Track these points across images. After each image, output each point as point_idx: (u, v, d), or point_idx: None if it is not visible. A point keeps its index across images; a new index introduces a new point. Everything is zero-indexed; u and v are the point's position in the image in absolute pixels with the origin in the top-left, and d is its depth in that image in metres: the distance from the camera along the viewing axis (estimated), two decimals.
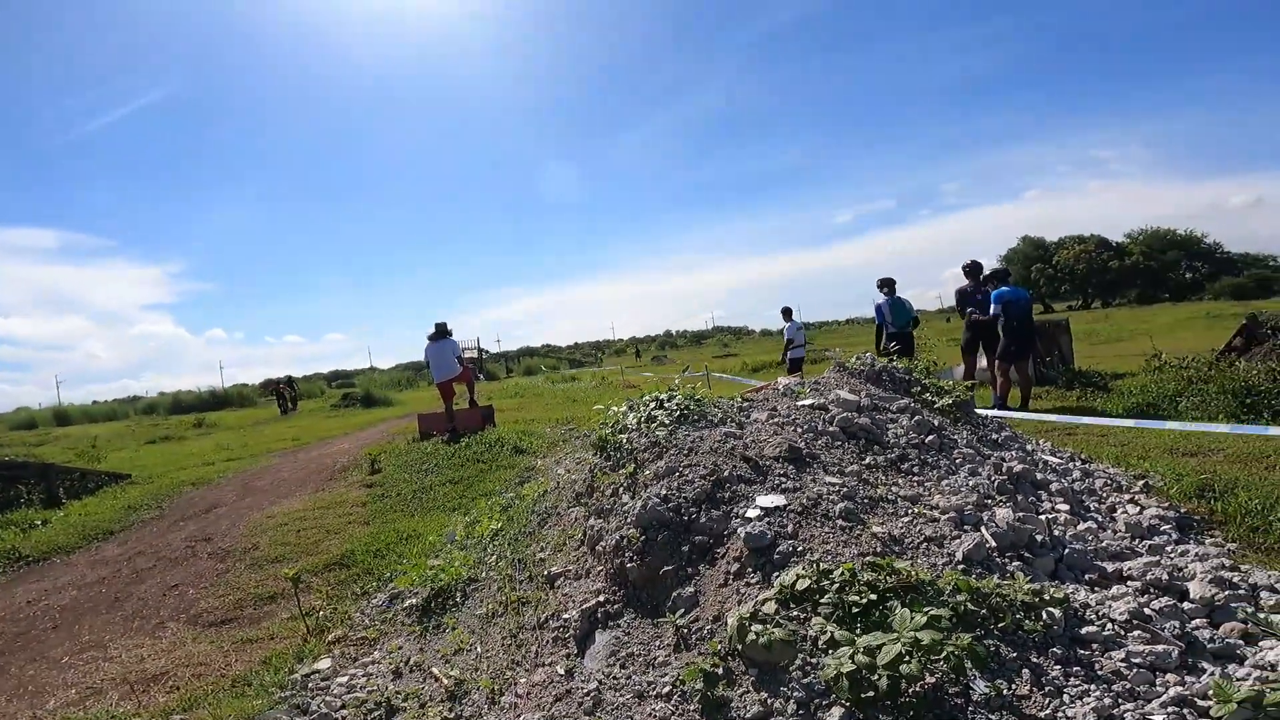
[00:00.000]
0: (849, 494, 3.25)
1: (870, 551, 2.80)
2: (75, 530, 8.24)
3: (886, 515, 3.17)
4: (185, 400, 36.80)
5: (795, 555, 2.80)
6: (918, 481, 3.61)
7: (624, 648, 2.92)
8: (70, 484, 10.63)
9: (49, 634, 5.12)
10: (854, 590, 2.44)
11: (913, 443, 4.01)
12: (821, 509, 3.12)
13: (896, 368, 5.24)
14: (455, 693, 3.15)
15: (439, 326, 10.64)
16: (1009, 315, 8.00)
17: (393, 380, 37.99)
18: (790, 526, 2.97)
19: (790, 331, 12.31)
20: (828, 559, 2.73)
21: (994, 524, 3.06)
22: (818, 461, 3.61)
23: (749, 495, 3.25)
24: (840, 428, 3.99)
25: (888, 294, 9.14)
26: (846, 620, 2.36)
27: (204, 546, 6.65)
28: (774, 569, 2.76)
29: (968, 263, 8.85)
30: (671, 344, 76.27)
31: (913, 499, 3.36)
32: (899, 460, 3.82)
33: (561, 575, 3.71)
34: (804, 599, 2.49)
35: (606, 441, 4.25)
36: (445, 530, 5.73)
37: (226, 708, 3.29)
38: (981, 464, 3.92)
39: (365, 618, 4.40)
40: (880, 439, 4.00)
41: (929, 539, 2.95)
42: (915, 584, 2.46)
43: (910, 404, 4.56)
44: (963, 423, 4.63)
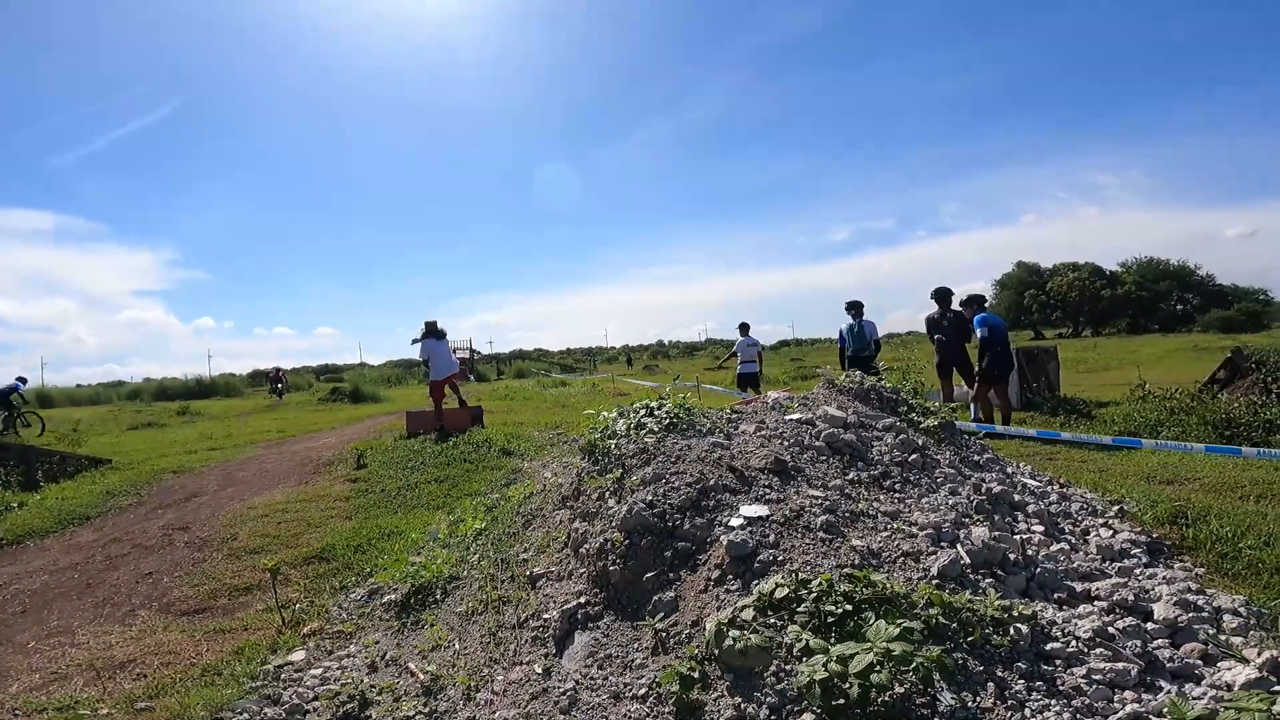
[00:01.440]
0: (831, 507, 3.30)
1: (849, 564, 2.85)
2: (51, 514, 8.12)
3: (866, 530, 3.22)
4: (171, 387, 36.53)
5: (775, 564, 2.84)
6: (899, 498, 3.66)
7: (602, 649, 2.95)
8: (49, 467, 10.48)
9: (17, 619, 5.03)
10: (831, 600, 2.48)
11: (896, 460, 4.06)
12: (803, 521, 3.16)
13: (885, 387, 5.30)
14: (431, 688, 3.15)
15: (431, 325, 10.65)
16: (993, 338, 8.18)
17: (382, 376, 37.81)
18: (772, 536, 3.02)
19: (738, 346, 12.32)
20: (807, 569, 2.78)
21: (969, 542, 3.12)
22: (802, 475, 3.66)
23: (733, 505, 3.29)
24: (826, 443, 4.04)
25: (854, 316, 9.36)
26: (822, 629, 2.40)
27: (181, 535, 6.58)
28: (754, 577, 2.80)
29: (936, 289, 9.04)
30: (664, 354, 76.36)
31: (893, 515, 3.41)
32: (882, 477, 3.87)
33: (544, 576, 3.73)
34: (782, 607, 2.53)
35: (595, 446, 4.27)
36: (429, 528, 5.72)
37: (194, 696, 3.26)
38: (962, 484, 3.98)
39: (343, 612, 4.38)
40: (865, 455, 4.05)
41: (906, 554, 3.00)
42: (890, 596, 2.51)
43: (896, 423, 4.62)
44: (946, 443, 4.69)
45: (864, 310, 9.49)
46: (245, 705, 3.21)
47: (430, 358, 10.61)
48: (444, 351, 10.73)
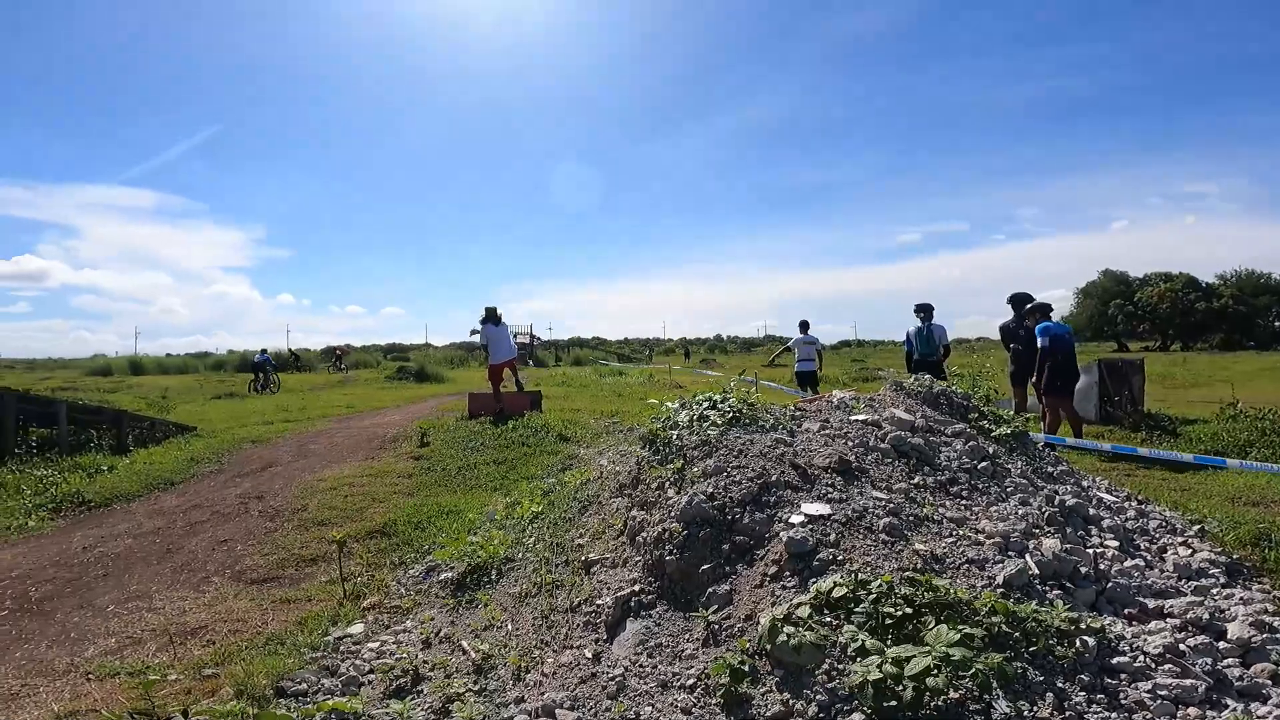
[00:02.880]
0: (895, 510, 3.25)
1: (910, 567, 2.80)
2: (139, 478, 8.54)
3: (930, 534, 3.16)
4: (252, 360, 38.50)
5: (834, 564, 2.81)
6: (966, 505, 3.58)
7: (653, 637, 2.97)
8: (140, 432, 11.11)
9: (99, 582, 5.22)
10: (890, 602, 2.46)
11: (964, 467, 3.96)
12: (865, 522, 3.12)
13: (955, 392, 5.14)
14: (482, 666, 3.21)
15: (490, 311, 10.88)
16: (1055, 349, 7.87)
17: (446, 358, 38.87)
18: (833, 536, 2.98)
19: (794, 343, 12.07)
20: (866, 570, 2.74)
21: (1039, 553, 3.04)
22: (866, 476, 3.60)
23: (794, 502, 3.27)
24: (892, 445, 3.98)
25: (923, 319, 9.12)
26: (879, 631, 2.38)
27: (256, 504, 6.84)
28: (812, 575, 2.79)
29: (1013, 295, 8.76)
30: (721, 348, 75.79)
31: (959, 521, 3.33)
32: (949, 483, 3.78)
33: (598, 562, 3.76)
34: (838, 606, 2.52)
35: (656, 436, 4.28)
36: (486, 509, 5.84)
37: (258, 665, 3.34)
38: (1034, 495, 3.86)
39: (401, 587, 4.50)
40: (932, 460, 3.96)
41: (971, 561, 2.94)
42: (952, 602, 2.47)
43: (966, 429, 4.49)
44: (1018, 453, 4.52)
45: (933, 313, 9.20)
46: (305, 675, 3.29)
47: (489, 342, 10.84)
48: (502, 336, 10.93)
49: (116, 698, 3.20)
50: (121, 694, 3.23)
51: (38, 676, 3.60)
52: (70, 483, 8.40)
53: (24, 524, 7.12)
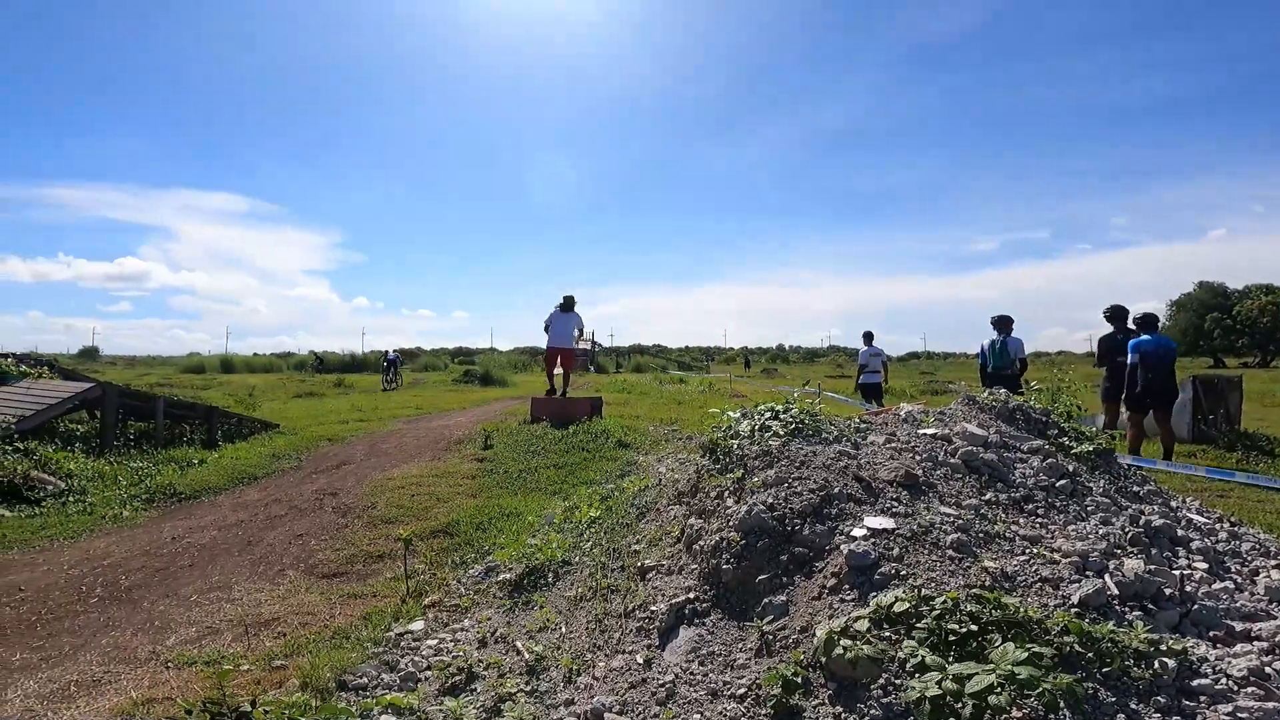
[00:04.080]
0: (963, 526, 3.14)
1: (978, 585, 2.71)
2: (226, 472, 9.05)
3: (1001, 552, 3.05)
4: (329, 360, 40.57)
5: (896, 578, 2.76)
6: (1041, 523, 3.42)
7: (706, 645, 2.96)
8: (228, 428, 11.81)
9: (184, 571, 5.45)
10: (954, 619, 2.38)
11: (1041, 485, 3.78)
12: (932, 537, 3.04)
13: (1033, 408, 4.89)
14: (535, 667, 3.25)
15: (568, 299, 11.06)
16: (1145, 365, 7.52)
17: (510, 362, 39.83)
18: (896, 550, 2.92)
19: (862, 357, 11.73)
20: (930, 586, 2.67)
21: (1120, 573, 2.89)
22: (934, 491, 3.50)
23: (857, 515, 3.21)
24: (963, 460, 3.84)
25: (1000, 332, 8.78)
26: (941, 647, 2.31)
27: (330, 500, 7.11)
28: (872, 589, 2.74)
29: (1110, 308, 8.40)
30: (783, 358, 74.84)
31: (1033, 539, 3.19)
32: (1023, 500, 3.62)
33: (654, 569, 3.75)
34: (899, 621, 2.46)
35: (717, 445, 4.26)
36: (545, 512, 5.91)
37: (323, 658, 3.43)
38: (1117, 514, 3.66)
39: (461, 586, 4.58)
40: (1005, 477, 3.80)
41: (1045, 580, 2.82)
42: (1021, 620, 2.38)
43: (1044, 446, 4.27)
44: (1101, 471, 4.28)
45: (1012, 326, 8.83)
46: (365, 670, 3.38)
47: (551, 326, 11.00)
48: (561, 322, 11.03)
49: (192, 686, 3.31)
50: (197, 683, 3.35)
51: (121, 664, 3.76)
52: (163, 475, 8.95)
53: (119, 514, 7.63)
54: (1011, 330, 8.86)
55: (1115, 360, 8.17)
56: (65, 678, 3.59)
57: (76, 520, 7.33)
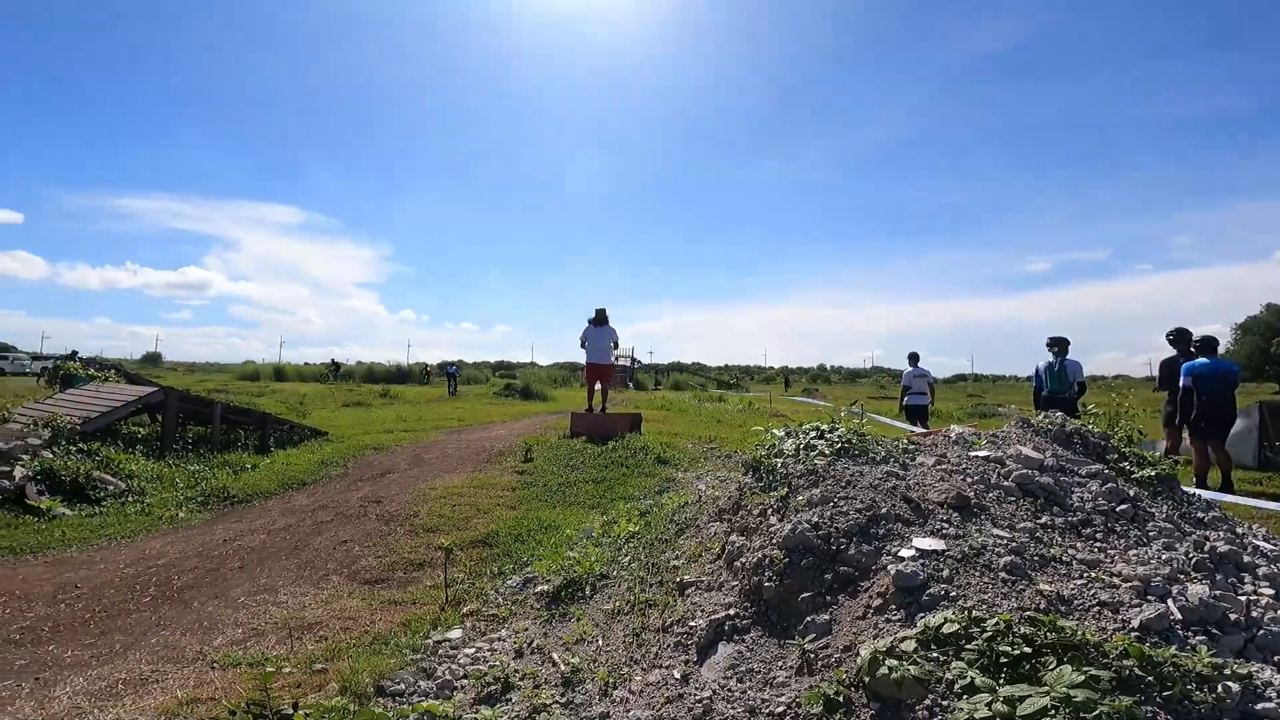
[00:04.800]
0: (1017, 549, 3.07)
1: (1032, 607, 2.65)
2: (276, 477, 9.28)
3: (1058, 575, 2.97)
4: (376, 371, 41.81)
5: (946, 600, 2.70)
6: (1100, 548, 3.32)
7: (745, 662, 2.93)
8: (280, 434, 12.16)
9: (234, 574, 5.56)
10: (1007, 641, 2.32)
11: (1100, 509, 3.66)
12: (984, 559, 2.97)
13: (1092, 431, 4.73)
14: (570, 679, 3.23)
15: (600, 312, 11.09)
16: (1200, 389, 7.31)
17: (550, 377, 40.20)
18: (946, 571, 2.87)
19: (906, 378, 11.43)
20: (982, 608, 2.61)
21: (1183, 598, 2.80)
22: (986, 513, 3.42)
23: (905, 535, 3.17)
24: (1017, 483, 3.75)
25: (1056, 354, 8.53)
26: (991, 669, 2.25)
27: (374, 508, 7.20)
28: (920, 610, 2.69)
29: (1174, 331, 8.17)
30: (824, 378, 73.83)
31: (1091, 564, 3.10)
32: (1081, 524, 3.51)
33: (693, 585, 3.73)
34: (947, 643, 2.40)
35: (760, 463, 4.23)
36: (583, 525, 5.89)
37: (362, 663, 3.47)
38: (1180, 540, 3.53)
39: (499, 596, 4.59)
40: (1062, 501, 3.69)
41: (1103, 604, 2.74)
42: (1078, 643, 2.30)
43: (1104, 471, 4.15)
44: (1163, 497, 4.13)
45: (1068, 348, 8.58)
46: (403, 676, 3.40)
47: (586, 342, 11.05)
48: (597, 338, 11.06)
49: (236, 687, 3.36)
50: (240, 684, 3.40)
51: (169, 663, 3.82)
52: (218, 478, 9.26)
53: (175, 515, 7.91)
54: (1068, 352, 8.61)
55: (1177, 384, 7.90)
56: (114, 675, 3.66)
57: (134, 520, 7.61)
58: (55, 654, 4.07)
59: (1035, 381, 8.83)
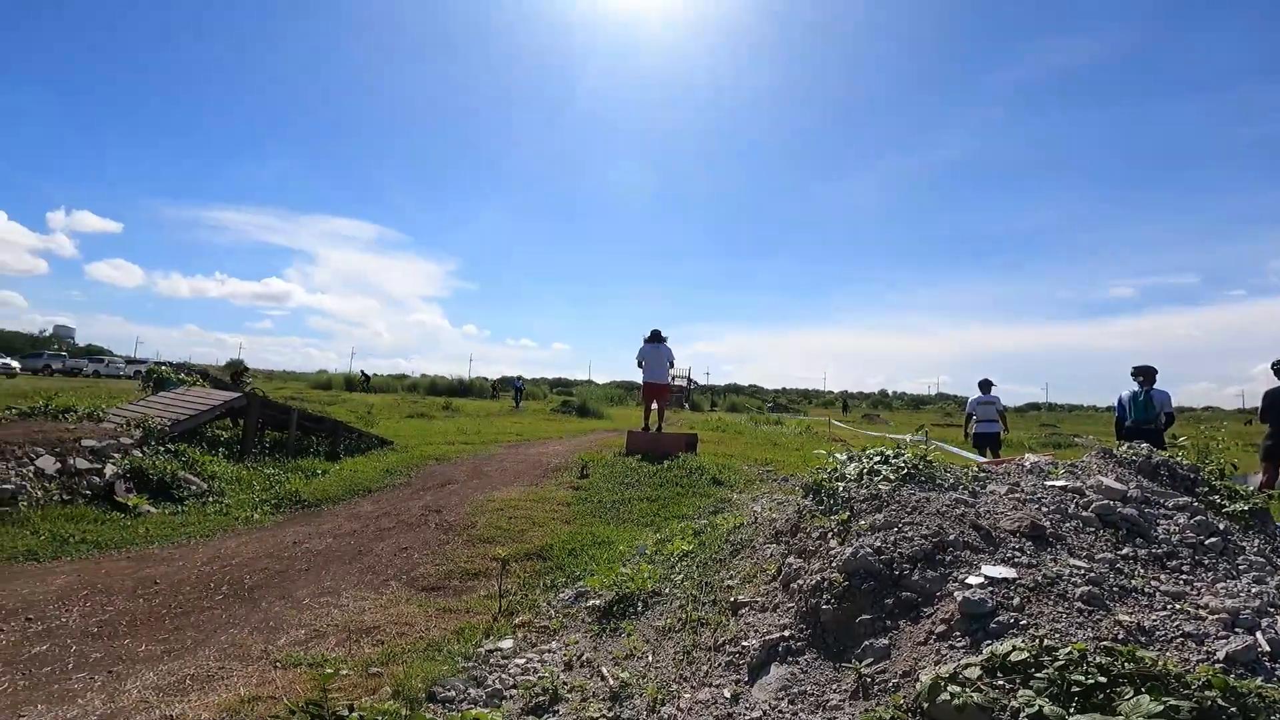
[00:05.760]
0: (1095, 579, 2.95)
1: (1109, 637, 2.56)
2: (344, 484, 9.62)
3: (1139, 607, 2.85)
4: (439, 384, 42.92)
5: (1015, 628, 2.63)
6: (1185, 580, 3.18)
7: (798, 684, 2.88)
8: (349, 442, 12.61)
9: (300, 575, 5.71)
10: (1080, 670, 2.23)
11: (1188, 542, 3.49)
12: (1059, 589, 2.88)
13: (1180, 463, 4.46)
14: (619, 694, 3.21)
15: (655, 332, 11.19)
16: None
17: (607, 395, 40.47)
18: (1016, 600, 2.78)
19: (970, 405, 10.90)
20: (1054, 637, 2.52)
21: (1273, 630, 2.67)
22: (1062, 543, 3.30)
23: (973, 563, 3.08)
24: (1097, 514, 3.59)
25: (1142, 384, 8.10)
26: (1062, 698, 2.18)
27: (434, 517, 7.35)
28: (987, 638, 2.62)
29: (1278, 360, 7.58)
30: (885, 404, 71.83)
31: (1176, 596, 2.97)
32: (1166, 557, 3.35)
33: (747, 605, 3.67)
34: (1014, 671, 2.33)
35: (821, 486, 4.17)
36: (637, 543, 5.87)
37: (416, 668, 3.52)
38: (1271, 574, 3.36)
39: (551, 609, 4.60)
40: (1146, 533, 3.52)
41: (1187, 635, 2.63)
42: (1158, 674, 2.20)
43: (1192, 503, 3.93)
44: (1255, 531, 3.91)
45: (1156, 377, 8.13)
46: (454, 683, 3.43)
47: (642, 360, 11.11)
48: (654, 357, 11.10)
49: (296, 687, 3.38)
50: (300, 684, 3.45)
51: (235, 660, 3.92)
52: (291, 483, 9.66)
53: (250, 516, 8.30)
54: (1155, 381, 8.15)
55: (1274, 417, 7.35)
56: (183, 671, 3.78)
57: (213, 520, 8.01)
58: (130, 648, 4.23)
59: (1118, 411, 8.40)
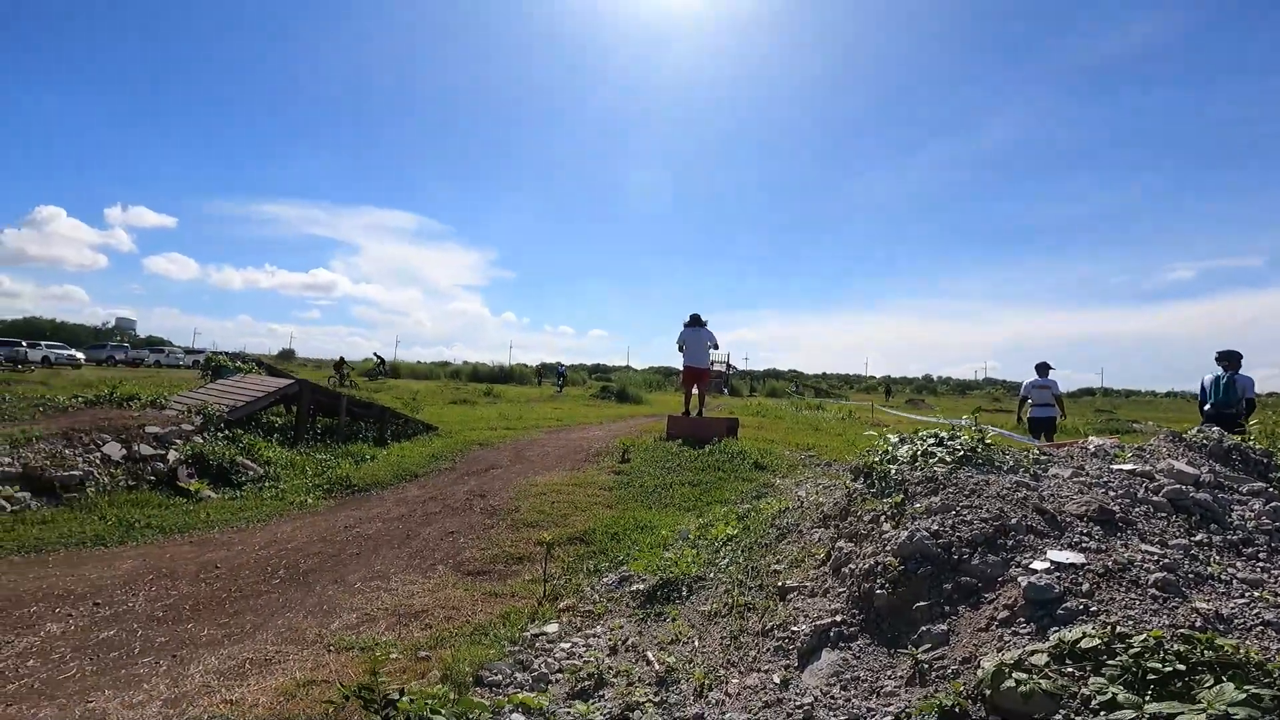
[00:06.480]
0: (1170, 566, 2.86)
1: (1186, 625, 2.48)
2: (392, 468, 9.80)
3: (1216, 594, 2.76)
4: (481, 371, 43.62)
5: (1084, 615, 2.56)
6: (1264, 568, 3.06)
7: (850, 670, 2.85)
8: (396, 428, 12.88)
9: (352, 559, 5.83)
10: (1156, 658, 2.16)
11: (1264, 528, 3.35)
12: (1131, 575, 2.79)
13: (1253, 448, 4.25)
14: (665, 678, 3.20)
15: (695, 316, 11.12)
16: None
17: (645, 380, 40.45)
18: (1085, 586, 2.70)
19: (1025, 389, 10.50)
20: (1127, 624, 2.45)
21: None
22: (1132, 528, 3.19)
23: (1038, 548, 3.00)
24: (1168, 499, 3.46)
25: (1226, 368, 7.83)
26: (1136, 686, 2.12)
27: (479, 501, 7.45)
28: (1053, 624, 2.56)
29: None
30: (930, 390, 70.27)
31: (1254, 583, 2.86)
32: (1242, 543, 3.22)
33: (795, 590, 3.63)
34: (1084, 658, 2.27)
35: (873, 469, 4.09)
36: (679, 527, 5.85)
37: (463, 652, 3.57)
38: None
39: (594, 593, 4.61)
40: (1221, 519, 3.38)
41: (1268, 624, 2.54)
42: (1238, 662, 2.12)
43: (1268, 490, 3.76)
44: None
45: (1240, 362, 7.85)
46: (501, 667, 3.48)
47: (683, 345, 11.06)
48: (695, 340, 11.03)
49: (348, 670, 3.50)
50: (352, 667, 3.53)
51: (291, 644, 4.02)
52: (341, 468, 9.90)
53: (304, 501, 8.54)
54: (1240, 367, 7.85)
55: None
56: (242, 655, 3.91)
57: (269, 505, 8.28)
58: (193, 632, 4.38)
59: (1201, 395, 8.17)
